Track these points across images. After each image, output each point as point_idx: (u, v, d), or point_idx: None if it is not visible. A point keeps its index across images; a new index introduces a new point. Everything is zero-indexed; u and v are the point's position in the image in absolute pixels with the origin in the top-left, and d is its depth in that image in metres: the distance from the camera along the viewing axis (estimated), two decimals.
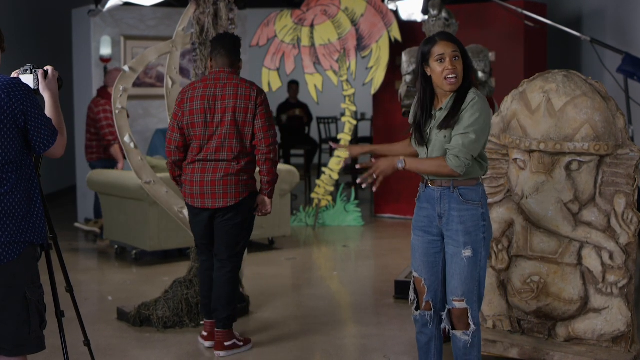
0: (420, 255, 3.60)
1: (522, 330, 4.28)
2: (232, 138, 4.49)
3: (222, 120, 4.49)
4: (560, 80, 4.09)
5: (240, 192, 4.54)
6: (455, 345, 3.59)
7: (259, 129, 4.52)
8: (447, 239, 3.52)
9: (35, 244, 3.13)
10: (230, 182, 4.51)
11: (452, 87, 3.43)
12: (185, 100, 4.57)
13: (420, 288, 3.64)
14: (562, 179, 4.05)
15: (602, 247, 4.04)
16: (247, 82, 4.59)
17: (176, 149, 4.60)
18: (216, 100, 4.51)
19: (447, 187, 3.47)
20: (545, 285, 4.14)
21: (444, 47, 3.43)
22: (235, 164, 4.51)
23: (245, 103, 4.50)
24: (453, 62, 3.42)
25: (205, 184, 4.52)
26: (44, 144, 3.12)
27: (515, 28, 8.53)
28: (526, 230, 4.19)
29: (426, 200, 3.56)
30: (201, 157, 4.53)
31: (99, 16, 8.86)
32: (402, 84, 6.05)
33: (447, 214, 3.49)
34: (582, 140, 3.99)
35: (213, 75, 4.60)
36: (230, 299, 4.68)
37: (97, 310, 5.68)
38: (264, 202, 4.67)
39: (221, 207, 4.54)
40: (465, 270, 3.47)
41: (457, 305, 3.52)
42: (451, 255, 3.51)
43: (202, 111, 4.51)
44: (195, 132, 4.53)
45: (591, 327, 4.09)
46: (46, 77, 3.33)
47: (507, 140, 4.21)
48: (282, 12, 9.04)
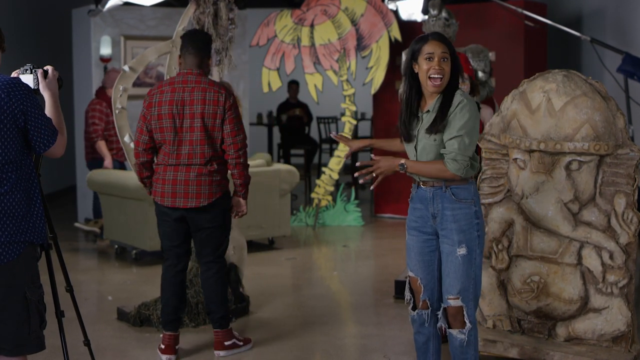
0: (415, 255, 3.61)
1: (522, 330, 4.28)
2: (204, 144, 4.43)
3: (191, 126, 4.42)
4: (560, 80, 4.08)
5: (213, 193, 4.48)
6: (452, 344, 3.61)
7: (228, 134, 4.45)
8: (442, 238, 3.54)
9: (35, 244, 3.13)
10: (204, 183, 4.45)
11: (435, 89, 3.45)
12: (153, 104, 4.49)
13: (417, 287, 3.64)
14: (562, 178, 4.05)
15: (602, 247, 4.04)
16: (216, 85, 4.50)
17: (144, 150, 4.53)
18: (184, 105, 4.43)
19: (439, 187, 3.50)
20: (545, 285, 4.14)
21: (434, 46, 3.44)
22: (209, 166, 4.46)
23: (214, 108, 4.43)
24: (441, 62, 3.43)
25: (178, 183, 4.45)
26: (44, 144, 3.12)
27: (515, 28, 8.53)
28: (526, 230, 4.19)
29: (419, 201, 3.58)
30: (173, 162, 4.46)
31: (99, 16, 8.86)
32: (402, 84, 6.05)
33: (441, 214, 3.50)
34: (582, 140, 3.99)
35: (181, 77, 4.51)
36: (223, 299, 4.66)
37: (97, 310, 5.68)
38: (239, 203, 4.64)
39: (193, 207, 4.46)
40: (460, 269, 3.48)
41: (452, 303, 3.53)
42: (446, 254, 3.52)
43: (171, 116, 4.43)
44: (164, 136, 4.46)
45: (591, 327, 4.08)
46: (46, 77, 3.33)
47: (507, 140, 4.20)
48: (282, 12, 9.03)
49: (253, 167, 7.49)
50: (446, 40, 3.50)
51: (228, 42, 5.33)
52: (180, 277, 4.68)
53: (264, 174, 7.52)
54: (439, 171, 3.45)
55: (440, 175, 3.46)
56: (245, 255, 5.63)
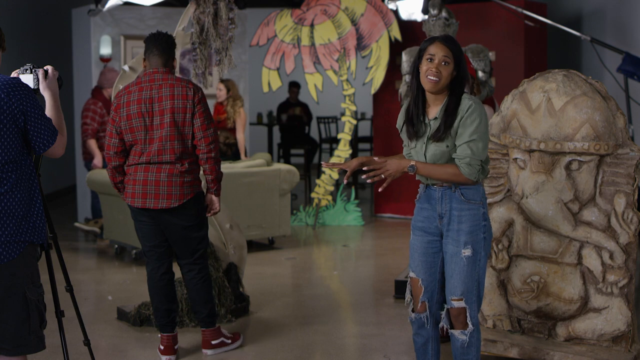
0: (419, 255, 3.59)
1: (522, 329, 4.28)
2: (174, 140, 4.38)
3: (161, 122, 4.38)
4: (560, 79, 4.08)
5: (185, 194, 4.41)
6: (454, 345, 3.61)
7: (198, 127, 4.41)
8: (447, 239, 3.51)
9: (35, 244, 3.13)
10: (174, 184, 4.39)
11: (430, 88, 3.42)
12: (122, 105, 4.44)
13: (417, 289, 3.61)
14: (562, 178, 4.05)
15: (602, 246, 4.03)
16: (183, 81, 4.48)
17: (115, 154, 4.48)
18: (153, 103, 4.40)
19: (448, 187, 3.48)
20: (546, 284, 4.14)
21: (437, 48, 3.43)
22: (179, 165, 4.41)
23: (183, 103, 4.39)
24: (440, 65, 3.40)
25: (149, 183, 4.40)
26: (44, 144, 3.12)
27: (516, 27, 8.52)
28: (526, 229, 4.19)
29: (427, 201, 3.56)
30: (143, 160, 4.41)
31: (99, 16, 8.86)
32: (402, 84, 6.06)
33: (448, 214, 3.49)
34: (582, 139, 3.99)
35: (147, 76, 4.48)
36: (206, 298, 4.62)
37: (96, 310, 5.68)
38: (212, 200, 4.59)
39: (164, 208, 4.40)
40: (464, 270, 3.47)
41: (455, 304, 3.52)
42: (450, 254, 3.50)
43: (140, 115, 4.39)
44: (135, 136, 4.41)
45: (591, 327, 4.08)
46: (46, 77, 3.33)
47: (507, 140, 4.20)
48: (282, 12, 9.03)
49: (253, 167, 7.53)
50: (452, 45, 3.46)
51: (228, 42, 5.32)
52: (165, 279, 4.61)
53: (264, 174, 7.51)
54: (452, 175, 3.43)
55: (453, 179, 3.44)
56: (245, 255, 5.63)
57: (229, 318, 5.25)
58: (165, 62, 4.51)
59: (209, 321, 4.66)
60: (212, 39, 5.25)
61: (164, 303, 4.61)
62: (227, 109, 8.41)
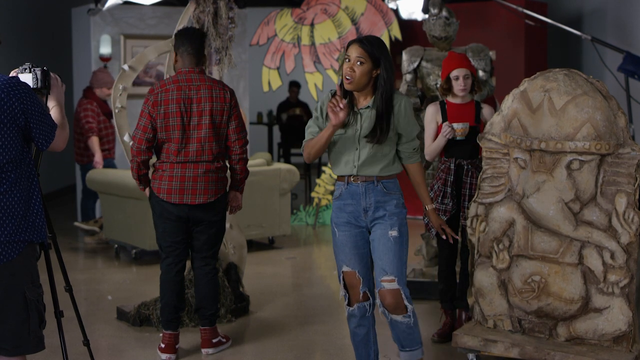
0: (350, 249, 3.73)
1: (522, 330, 4.26)
2: (212, 141, 4.49)
3: (199, 123, 4.47)
4: (561, 79, 4.07)
5: (219, 189, 4.57)
6: (398, 329, 3.80)
7: (234, 130, 4.55)
8: (374, 227, 3.73)
9: (34, 243, 3.12)
10: (211, 179, 4.52)
11: (346, 86, 3.68)
12: (159, 102, 4.47)
13: (355, 280, 3.74)
14: (563, 178, 4.03)
15: (603, 246, 4.02)
16: (219, 83, 4.60)
17: (147, 149, 4.52)
18: (192, 103, 4.47)
19: (371, 182, 3.71)
20: (546, 284, 4.12)
21: (352, 49, 3.67)
22: (216, 162, 4.54)
23: (221, 105, 4.51)
24: (355, 65, 3.64)
25: (187, 179, 4.48)
26: (46, 141, 3.13)
27: (516, 27, 8.51)
28: (527, 229, 4.17)
29: (350, 197, 3.74)
30: (181, 160, 4.48)
31: (99, 15, 8.84)
32: (403, 83, 6.04)
33: (373, 207, 3.71)
34: (583, 139, 3.98)
35: (184, 75, 4.54)
36: (216, 296, 4.73)
37: (96, 310, 5.66)
38: (237, 197, 4.74)
39: (202, 202, 4.51)
40: (392, 249, 3.67)
41: (386, 285, 3.68)
42: (378, 237, 3.70)
43: (179, 114, 4.45)
44: (169, 134, 4.46)
45: (592, 327, 4.07)
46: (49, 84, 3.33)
47: (508, 139, 4.19)
48: (282, 11, 9.01)
49: (253, 167, 7.50)
50: (368, 45, 3.67)
51: (228, 41, 5.31)
52: (180, 276, 4.69)
53: (264, 173, 7.50)
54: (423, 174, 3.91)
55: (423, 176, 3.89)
56: (245, 255, 5.62)
57: (229, 318, 5.24)
58: (198, 60, 4.60)
59: (213, 320, 4.70)
60: (212, 38, 5.24)
61: (175, 300, 4.65)
62: None
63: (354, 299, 3.78)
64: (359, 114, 3.72)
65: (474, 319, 4.42)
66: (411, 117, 3.76)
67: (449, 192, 4.70)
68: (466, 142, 4.70)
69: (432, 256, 6.01)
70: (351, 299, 3.78)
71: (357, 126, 3.72)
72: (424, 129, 4.89)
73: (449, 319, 4.92)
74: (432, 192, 4.79)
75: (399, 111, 3.72)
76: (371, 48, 3.66)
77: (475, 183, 4.62)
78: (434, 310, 5.39)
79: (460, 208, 4.72)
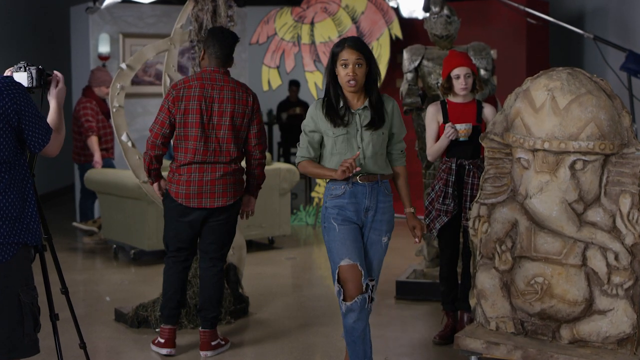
0: (351, 243, 3.82)
1: (525, 332, 4.21)
2: (230, 142, 4.47)
3: (218, 123, 4.45)
4: (564, 78, 4.01)
5: (236, 192, 4.56)
6: None
7: (255, 134, 4.54)
8: (371, 229, 3.88)
9: (29, 245, 3.07)
10: (229, 182, 4.50)
11: (351, 90, 3.79)
12: (181, 98, 4.46)
13: (357, 273, 3.78)
14: (566, 178, 3.98)
15: (607, 247, 3.96)
16: (243, 86, 4.57)
17: (162, 144, 4.50)
18: (213, 102, 4.45)
19: (375, 182, 3.85)
20: (550, 286, 4.06)
21: (349, 53, 3.75)
22: (233, 164, 4.52)
23: (243, 108, 4.49)
24: (355, 68, 3.75)
25: (205, 184, 4.46)
26: (39, 143, 3.07)
27: (518, 25, 8.46)
28: (530, 230, 4.11)
29: (353, 196, 3.82)
30: (199, 160, 4.46)
31: (98, 14, 8.80)
32: (404, 82, 5.99)
33: (375, 207, 3.85)
34: (587, 139, 3.92)
35: (208, 74, 4.52)
36: (220, 299, 4.70)
37: (94, 311, 5.61)
38: (251, 201, 4.73)
39: (220, 206, 4.50)
40: (382, 254, 3.95)
41: (370, 284, 3.86)
42: (372, 242, 3.89)
43: (199, 112, 4.43)
44: (187, 131, 4.44)
45: (596, 329, 4.01)
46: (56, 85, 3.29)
47: (511, 139, 4.13)
48: (282, 10, 8.98)
49: None
50: (361, 46, 3.79)
51: None
52: (186, 273, 4.70)
53: None
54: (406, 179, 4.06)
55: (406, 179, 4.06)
56: (245, 255, 5.57)
57: (228, 319, 5.20)
58: (225, 62, 4.57)
59: (214, 323, 4.66)
60: None
61: (178, 293, 4.65)
62: None
63: (350, 293, 3.77)
64: (357, 114, 3.83)
65: (476, 321, 4.37)
66: (401, 119, 3.96)
67: (451, 192, 4.65)
68: (468, 142, 4.64)
69: (433, 257, 5.97)
70: (346, 294, 3.78)
71: (357, 126, 3.82)
72: (426, 129, 4.84)
73: (451, 320, 4.87)
74: (434, 192, 4.74)
75: (392, 112, 3.89)
76: (363, 49, 3.79)
77: (477, 183, 4.57)
78: (435, 312, 5.34)
79: (461, 209, 4.66)
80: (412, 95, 5.82)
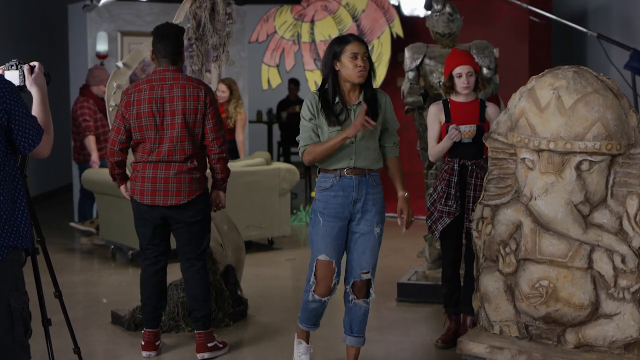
0: (332, 240, 3.97)
1: (530, 336, 4.13)
2: (184, 140, 4.40)
3: (172, 123, 4.38)
4: (570, 76, 3.92)
5: (193, 190, 4.45)
6: (355, 313, 4.10)
7: (210, 129, 4.45)
8: (360, 220, 3.99)
9: (19, 249, 2.98)
10: (183, 180, 4.42)
11: (361, 80, 3.96)
12: (132, 102, 4.42)
13: (330, 270, 3.98)
14: (572, 179, 3.89)
15: (613, 250, 3.87)
16: (194, 81, 4.49)
17: (120, 150, 4.49)
18: (164, 103, 4.39)
19: (363, 175, 3.98)
20: (555, 290, 3.98)
21: (357, 47, 3.95)
22: (189, 163, 4.43)
23: (194, 104, 4.40)
24: (363, 60, 3.95)
25: (158, 180, 4.41)
26: (28, 144, 2.97)
27: (520, 23, 8.38)
28: (534, 232, 4.03)
29: (341, 189, 3.96)
30: (153, 159, 4.42)
31: (95, 12, 8.72)
32: (405, 81, 5.89)
33: (364, 198, 3.97)
34: (593, 139, 3.83)
35: (158, 75, 4.45)
36: (206, 297, 4.62)
37: (90, 313, 5.53)
38: (220, 196, 4.65)
39: (174, 204, 4.43)
40: (375, 246, 4.04)
41: (364, 277, 4.04)
42: (363, 233, 4.00)
43: (151, 114, 4.38)
44: (143, 135, 4.41)
45: (602, 334, 3.93)
46: (32, 73, 3.19)
47: (515, 139, 4.05)
48: (282, 8, 8.92)
49: (252, 166, 7.40)
50: (364, 41, 4.03)
51: (225, 38, 5.18)
52: (159, 276, 4.64)
53: (264, 173, 7.40)
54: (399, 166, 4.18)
55: None
56: (244, 257, 5.49)
57: (226, 322, 5.12)
58: (174, 59, 4.49)
59: (206, 322, 4.61)
60: (209, 35, 5.11)
61: (153, 299, 4.62)
62: (227, 109, 8.29)
63: (322, 290, 4.01)
64: (352, 110, 3.99)
65: (479, 324, 4.29)
66: (393, 112, 4.12)
67: (453, 193, 4.56)
68: (471, 142, 4.56)
69: (435, 258, 5.88)
70: (317, 290, 4.02)
71: (351, 121, 3.95)
72: (428, 129, 4.76)
73: (453, 324, 4.78)
74: (436, 193, 4.65)
75: (385, 106, 4.05)
76: (365, 44, 4.01)
77: (480, 184, 4.49)
78: (437, 315, 5.25)
79: (464, 210, 4.58)
80: (413, 94, 5.73)
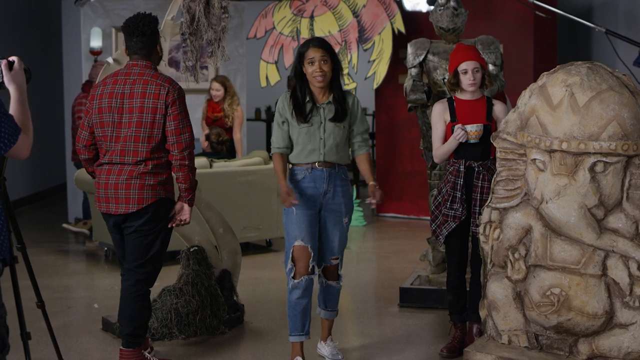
0: (307, 226, 4.22)
1: (540, 346, 3.95)
2: (138, 141, 4.05)
3: (128, 121, 4.06)
4: (584, 72, 3.73)
5: (144, 198, 4.07)
6: (330, 292, 4.46)
7: (171, 131, 4.07)
8: (330, 211, 4.28)
9: None
10: (133, 187, 4.06)
11: (320, 85, 4.17)
12: (95, 96, 4.15)
13: (307, 254, 4.21)
14: (585, 181, 3.70)
15: (629, 256, 3.70)
16: (160, 78, 4.12)
17: (84, 147, 4.20)
18: (124, 99, 4.08)
19: (333, 168, 4.24)
20: (567, 298, 3.79)
21: (314, 52, 4.15)
22: (141, 166, 4.07)
23: (154, 102, 4.05)
24: (321, 64, 4.14)
25: (109, 187, 4.09)
26: (4, 144, 2.79)
27: (525, 18, 8.19)
28: (546, 237, 3.83)
29: (312, 180, 4.23)
30: (106, 160, 4.11)
31: (89, 7, 8.56)
32: (408, 78, 5.69)
33: (333, 190, 4.25)
34: (608, 139, 3.64)
35: (126, 69, 4.18)
36: (133, 315, 4.17)
37: (81, 319, 5.34)
38: (183, 208, 4.21)
39: (122, 213, 4.08)
40: (344, 234, 4.38)
41: (334, 262, 4.37)
42: (333, 223, 4.30)
43: (110, 110, 4.09)
44: (104, 131, 4.10)
45: (617, 344, 3.75)
46: (11, 69, 2.99)
47: (525, 139, 3.85)
48: (281, 3, 8.79)
49: (249, 165, 7.21)
50: (324, 44, 4.20)
51: (221, 33, 4.97)
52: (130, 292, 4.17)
53: (261, 173, 7.24)
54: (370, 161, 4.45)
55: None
56: (240, 261, 5.30)
57: (222, 330, 4.94)
58: (146, 53, 4.19)
59: (131, 341, 4.19)
60: (204, 30, 4.91)
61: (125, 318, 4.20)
62: (223, 107, 8.11)
63: (299, 271, 4.22)
64: (322, 108, 4.21)
65: (486, 333, 4.11)
66: (361, 113, 4.35)
67: (459, 196, 4.36)
68: (478, 142, 4.35)
69: (439, 262, 5.68)
70: (297, 271, 4.22)
71: (320, 119, 4.19)
72: (432, 128, 4.56)
73: (459, 332, 4.57)
74: (440, 196, 4.45)
75: (352, 107, 4.28)
76: (327, 47, 4.19)
77: (487, 187, 4.29)
78: (442, 322, 5.06)
79: (470, 214, 4.37)
80: (416, 91, 5.52)
